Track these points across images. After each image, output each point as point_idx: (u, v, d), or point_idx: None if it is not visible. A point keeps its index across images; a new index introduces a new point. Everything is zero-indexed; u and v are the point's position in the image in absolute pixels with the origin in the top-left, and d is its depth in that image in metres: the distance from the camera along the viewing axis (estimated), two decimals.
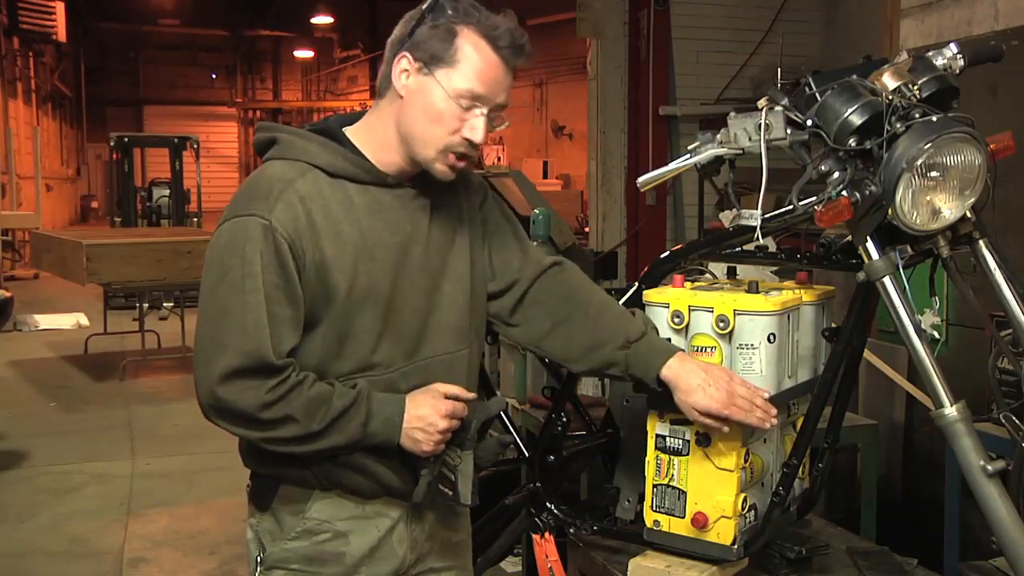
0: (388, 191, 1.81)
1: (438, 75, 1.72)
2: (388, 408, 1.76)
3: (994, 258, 1.85)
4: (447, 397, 1.79)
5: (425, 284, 1.85)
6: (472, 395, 1.84)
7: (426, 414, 1.76)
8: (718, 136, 1.89)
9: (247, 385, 1.68)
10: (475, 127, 1.74)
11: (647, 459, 2.04)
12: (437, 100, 1.72)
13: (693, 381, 1.86)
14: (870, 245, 1.81)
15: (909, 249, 1.84)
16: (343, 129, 1.85)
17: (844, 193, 1.75)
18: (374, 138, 1.82)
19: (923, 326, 1.79)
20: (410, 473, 1.82)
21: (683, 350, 1.94)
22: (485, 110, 1.74)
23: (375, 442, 1.76)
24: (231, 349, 1.68)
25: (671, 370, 1.88)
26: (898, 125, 1.74)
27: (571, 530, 2.24)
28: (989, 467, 1.71)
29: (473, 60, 1.71)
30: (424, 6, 1.73)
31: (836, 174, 1.78)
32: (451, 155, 1.76)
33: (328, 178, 1.77)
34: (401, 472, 1.82)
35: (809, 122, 1.79)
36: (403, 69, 1.74)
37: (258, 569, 1.85)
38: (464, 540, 2.04)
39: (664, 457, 2.00)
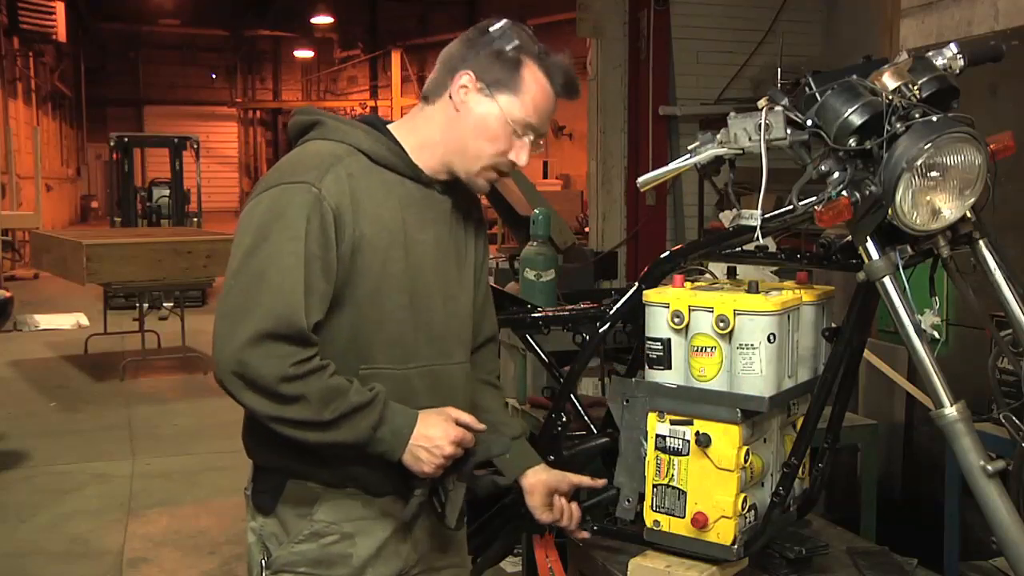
0: (421, 188, 1.87)
1: (499, 99, 1.81)
2: (400, 419, 1.76)
3: (994, 258, 1.85)
4: (459, 424, 1.80)
5: (443, 289, 1.89)
6: (482, 427, 1.85)
7: (435, 435, 1.76)
8: (718, 136, 1.89)
9: (274, 351, 1.66)
10: (522, 152, 1.85)
11: (647, 459, 2.04)
12: (493, 122, 1.81)
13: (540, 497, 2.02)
14: (870, 245, 1.81)
15: (909, 249, 1.83)
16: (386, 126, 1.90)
17: (844, 193, 1.75)
18: (415, 137, 1.87)
19: (923, 326, 1.79)
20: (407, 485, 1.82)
21: (543, 463, 2.06)
22: (533, 137, 1.84)
23: (379, 450, 1.75)
24: (263, 311, 1.67)
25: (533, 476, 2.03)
26: (898, 125, 1.73)
27: None
28: (989, 467, 1.70)
29: (533, 92, 1.82)
30: (492, 29, 1.81)
31: (836, 174, 1.78)
32: (492, 171, 1.86)
33: (370, 163, 1.81)
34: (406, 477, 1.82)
35: (809, 122, 1.78)
36: (462, 85, 1.82)
37: (264, 573, 1.85)
38: (461, 537, 2.05)
39: (664, 457, 2.00)
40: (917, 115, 1.74)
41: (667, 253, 2.18)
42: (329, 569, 1.83)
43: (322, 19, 26.49)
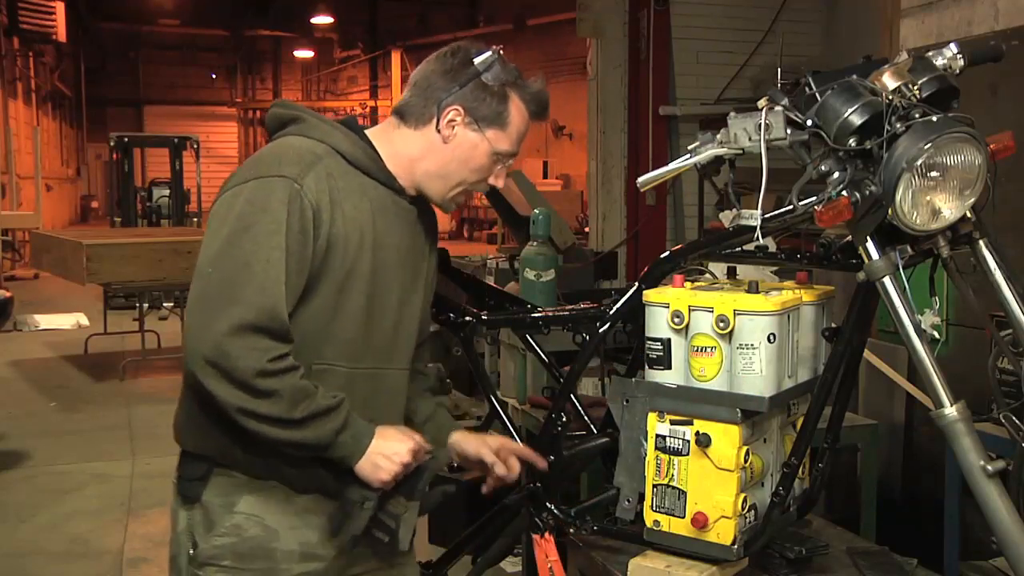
0: (392, 194, 1.90)
1: (488, 134, 1.87)
2: (361, 427, 1.78)
3: (994, 258, 1.85)
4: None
5: (399, 295, 1.92)
6: (431, 447, 1.88)
7: (394, 444, 1.79)
8: (718, 136, 1.89)
9: (254, 343, 1.68)
10: (500, 176, 1.94)
11: (647, 459, 2.04)
12: (482, 155, 1.89)
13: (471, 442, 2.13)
14: (870, 245, 1.81)
15: (909, 249, 1.83)
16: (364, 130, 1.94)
17: (844, 193, 1.75)
18: (391, 149, 1.91)
19: (923, 326, 1.79)
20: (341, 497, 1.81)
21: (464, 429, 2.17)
22: (510, 161, 1.93)
23: (339, 454, 1.76)
24: (246, 303, 1.68)
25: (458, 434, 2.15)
26: (898, 125, 1.73)
27: (571, 530, 2.24)
28: (989, 467, 1.71)
29: (517, 124, 1.90)
30: (478, 61, 1.86)
31: (836, 174, 1.78)
32: (464, 195, 1.94)
33: (346, 165, 1.84)
34: (335, 472, 1.81)
35: (809, 122, 1.78)
36: (451, 120, 1.87)
37: (189, 565, 1.85)
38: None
39: (664, 457, 2.00)
40: (917, 115, 1.74)
41: (667, 253, 2.17)
42: (252, 562, 1.83)
43: (322, 19, 26.51)
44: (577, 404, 2.38)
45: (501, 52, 1.89)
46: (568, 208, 15.63)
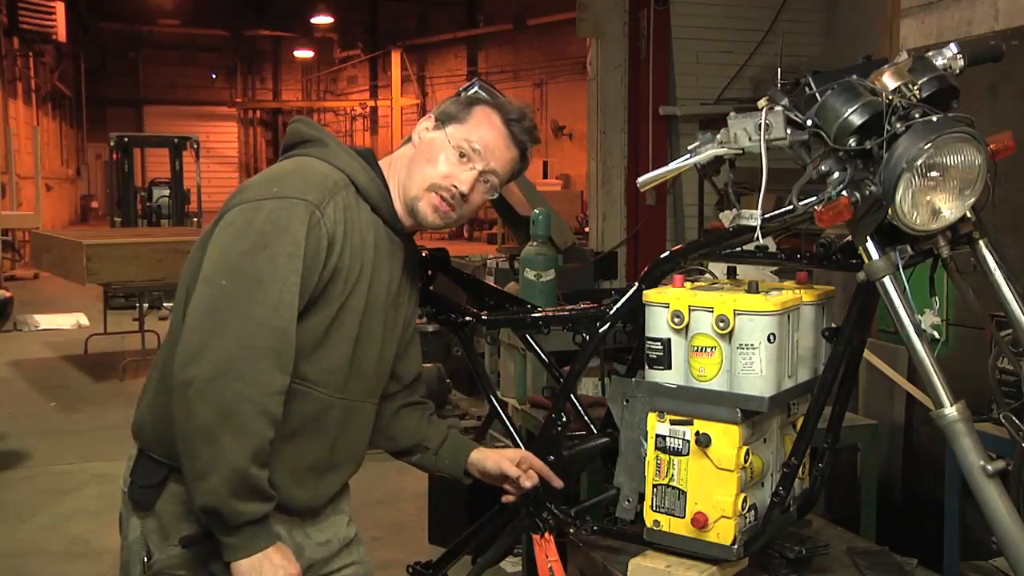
0: (390, 232, 1.93)
1: (447, 129, 1.91)
2: (266, 532, 1.73)
3: (994, 258, 1.85)
4: None
5: (382, 331, 1.94)
6: None
7: (284, 562, 1.73)
8: (718, 136, 1.89)
9: (257, 366, 1.66)
10: (463, 178, 1.90)
11: (647, 459, 2.04)
12: (437, 144, 1.91)
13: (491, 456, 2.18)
14: (870, 245, 1.81)
15: (909, 249, 1.83)
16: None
17: (844, 193, 1.75)
18: (393, 183, 1.95)
19: (923, 326, 1.79)
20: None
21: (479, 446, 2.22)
22: (478, 168, 1.90)
23: (229, 539, 1.70)
24: (257, 321, 1.67)
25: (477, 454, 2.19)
26: (898, 125, 1.73)
27: (571, 530, 2.24)
28: (989, 467, 1.70)
29: (479, 120, 1.92)
30: (463, 88, 2.03)
31: (836, 174, 1.78)
32: (435, 195, 1.89)
33: (358, 197, 1.87)
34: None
35: (809, 122, 1.78)
36: (425, 127, 1.95)
37: (145, 574, 1.82)
38: (356, 535, 2.09)
39: (664, 457, 2.00)
40: (917, 115, 1.74)
41: (667, 253, 2.17)
42: (210, 571, 1.79)
43: (322, 19, 26.51)
44: (577, 404, 2.38)
45: (492, 85, 1.98)
46: (568, 208, 15.63)
